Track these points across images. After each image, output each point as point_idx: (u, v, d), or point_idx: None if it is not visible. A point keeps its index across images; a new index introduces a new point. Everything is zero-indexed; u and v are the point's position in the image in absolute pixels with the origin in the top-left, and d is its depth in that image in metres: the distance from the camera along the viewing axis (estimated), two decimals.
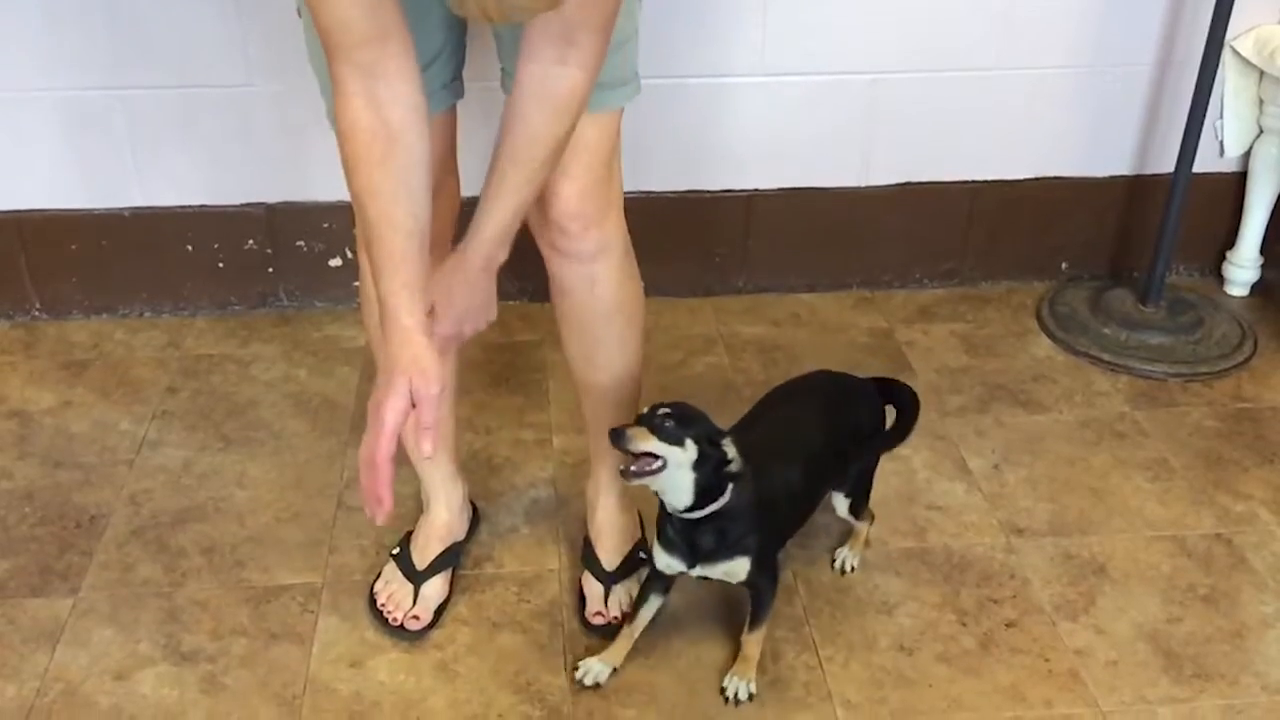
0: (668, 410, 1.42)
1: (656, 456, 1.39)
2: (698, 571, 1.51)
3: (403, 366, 1.27)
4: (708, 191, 2.35)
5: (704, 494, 1.44)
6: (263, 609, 1.69)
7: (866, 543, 1.78)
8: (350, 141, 1.26)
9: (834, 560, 1.76)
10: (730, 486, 1.45)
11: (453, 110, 1.50)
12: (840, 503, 1.70)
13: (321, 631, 1.66)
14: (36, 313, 2.34)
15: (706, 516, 1.46)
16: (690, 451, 1.41)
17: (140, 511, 1.87)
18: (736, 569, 1.50)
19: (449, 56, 1.45)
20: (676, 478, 1.42)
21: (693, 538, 1.48)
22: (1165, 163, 2.32)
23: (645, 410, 1.44)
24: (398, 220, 1.27)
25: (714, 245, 2.41)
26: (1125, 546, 1.82)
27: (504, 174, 1.34)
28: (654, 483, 1.43)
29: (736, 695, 1.55)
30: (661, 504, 1.48)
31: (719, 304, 2.41)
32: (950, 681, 1.59)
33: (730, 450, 1.43)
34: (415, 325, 1.28)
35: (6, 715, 1.53)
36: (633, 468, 1.40)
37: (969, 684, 1.59)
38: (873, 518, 1.77)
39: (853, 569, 1.75)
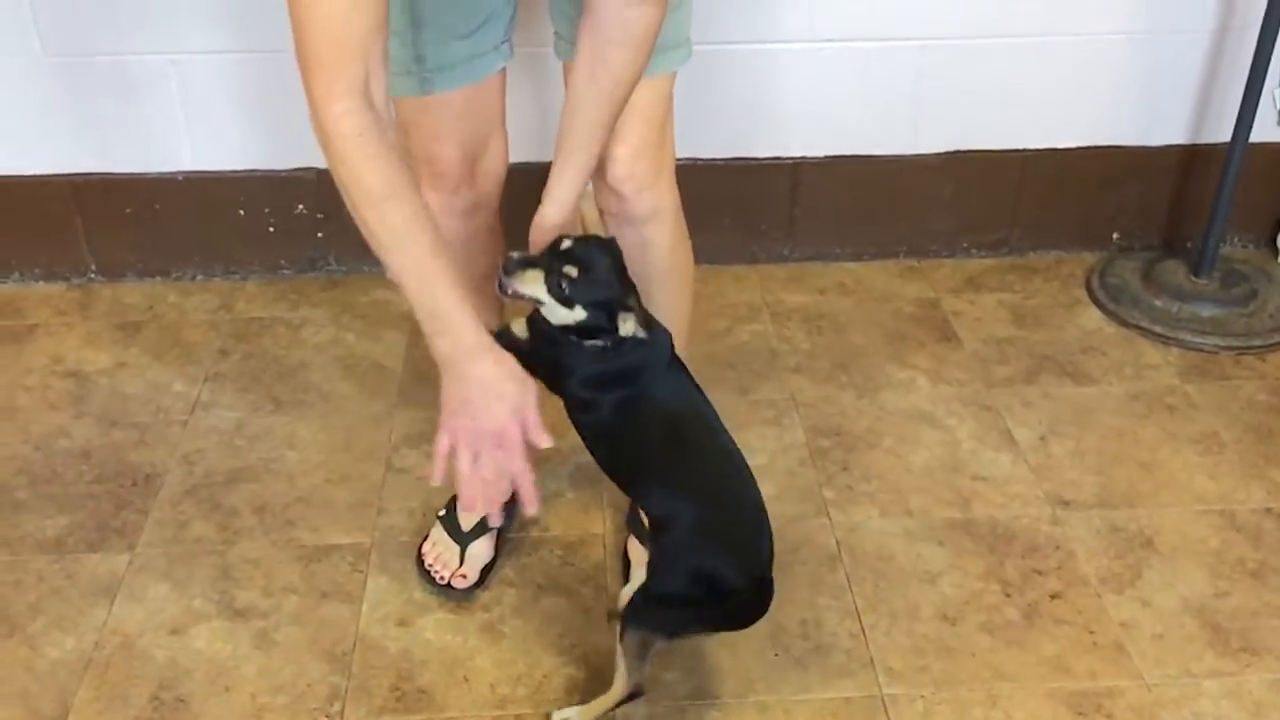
0: (576, 262, 1.30)
1: (539, 300, 1.32)
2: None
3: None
4: (755, 159, 2.34)
5: (579, 333, 1.35)
6: (313, 568, 1.72)
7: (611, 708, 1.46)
8: (358, 139, 1.25)
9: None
10: (614, 344, 1.35)
11: (502, 73, 1.50)
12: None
13: (371, 591, 1.69)
14: (92, 274, 2.38)
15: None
16: (578, 314, 1.32)
17: (194, 471, 1.90)
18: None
19: (499, 17, 1.45)
20: (557, 312, 1.33)
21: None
22: (1222, 132, 2.28)
23: (556, 248, 1.32)
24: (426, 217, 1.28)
25: (760, 213, 2.40)
26: (1173, 520, 1.81)
27: (587, 123, 1.36)
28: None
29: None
30: None
31: (764, 272, 2.41)
32: (993, 651, 1.59)
33: (627, 325, 1.33)
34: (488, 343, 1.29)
35: (66, 667, 1.58)
36: (509, 290, 1.32)
37: (1012, 654, 1.59)
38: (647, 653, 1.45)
39: None
